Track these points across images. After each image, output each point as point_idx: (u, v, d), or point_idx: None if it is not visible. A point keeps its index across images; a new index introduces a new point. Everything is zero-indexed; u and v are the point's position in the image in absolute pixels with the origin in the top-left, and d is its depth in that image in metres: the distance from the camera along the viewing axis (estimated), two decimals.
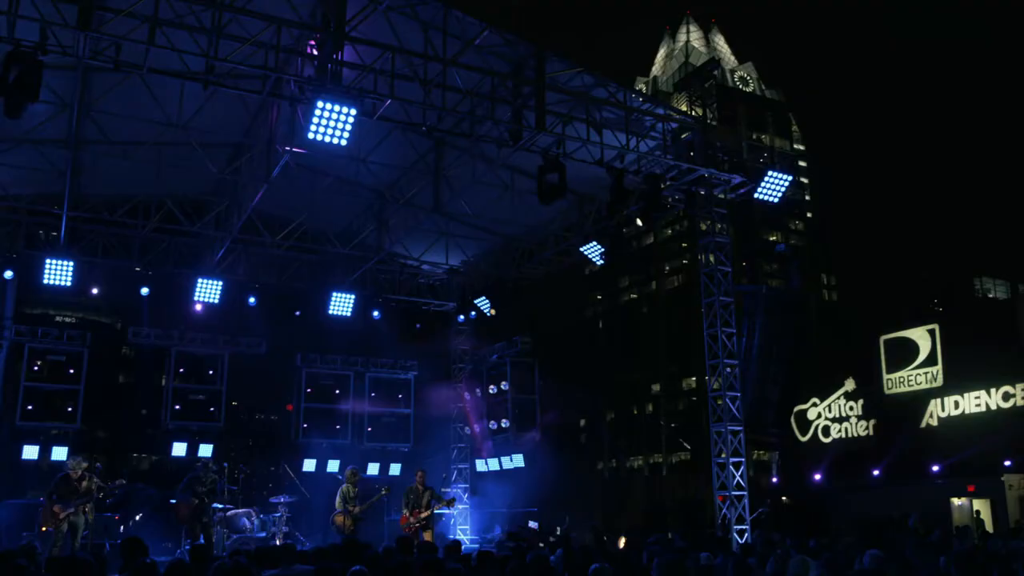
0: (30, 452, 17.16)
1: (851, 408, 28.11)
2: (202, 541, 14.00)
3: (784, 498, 28.25)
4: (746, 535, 15.08)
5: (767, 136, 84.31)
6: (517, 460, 19.98)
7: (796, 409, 29.44)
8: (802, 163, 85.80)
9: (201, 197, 18.33)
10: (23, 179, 16.26)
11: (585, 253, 17.62)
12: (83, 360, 18.01)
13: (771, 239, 78.72)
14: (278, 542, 15.30)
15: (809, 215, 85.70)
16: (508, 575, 6.87)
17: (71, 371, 17.94)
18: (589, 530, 18.91)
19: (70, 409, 17.70)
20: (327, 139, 12.29)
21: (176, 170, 16.44)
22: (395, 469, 20.24)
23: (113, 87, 13.97)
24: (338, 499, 15.66)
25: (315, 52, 12.53)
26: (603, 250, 17.11)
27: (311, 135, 12.20)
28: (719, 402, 15.85)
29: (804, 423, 29.38)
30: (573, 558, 9.08)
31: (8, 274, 17.37)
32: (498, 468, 20.58)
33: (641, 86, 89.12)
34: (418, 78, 12.96)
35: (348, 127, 12.23)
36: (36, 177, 16.12)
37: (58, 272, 17.16)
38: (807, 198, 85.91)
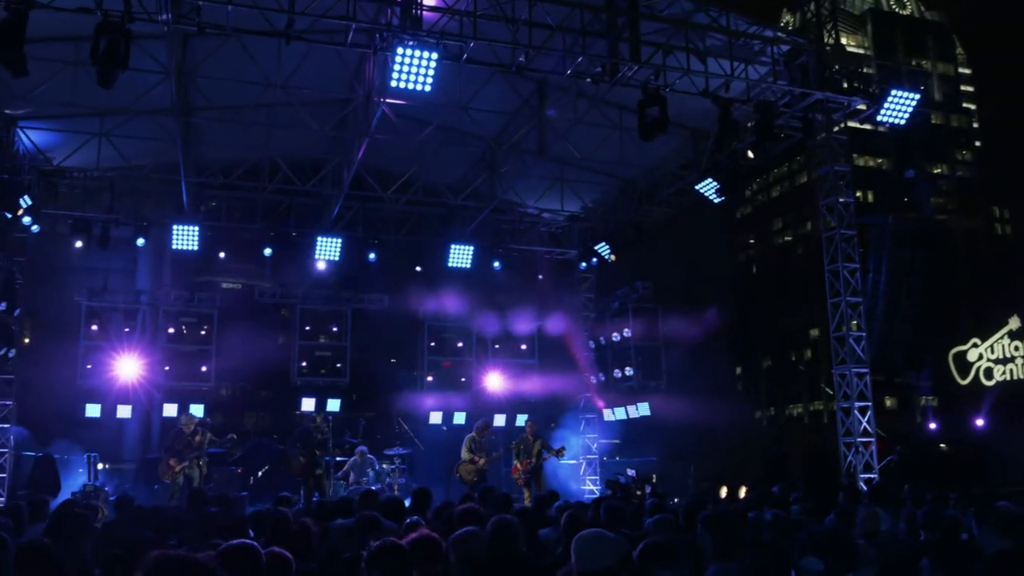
0: (169, 410, 18.01)
1: (1016, 348, 25.98)
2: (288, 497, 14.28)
3: (943, 445, 26.51)
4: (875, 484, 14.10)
5: (928, 61, 78.71)
6: (643, 409, 19.46)
7: (955, 350, 27.50)
8: (968, 88, 79.80)
9: (316, 156, 18.57)
10: (143, 149, 16.88)
11: (701, 191, 16.79)
12: (213, 321, 18.69)
13: (935, 171, 73.88)
14: (395, 493, 15.48)
15: (977, 144, 79.77)
16: (565, 522, 6.50)
17: (203, 332, 18.68)
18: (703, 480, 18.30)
19: (204, 369, 18.43)
20: (411, 86, 12.05)
21: (286, 131, 16.66)
22: (521, 420, 20.11)
23: (213, 52, 14.18)
24: (464, 449, 15.73)
25: None
26: (719, 187, 16.22)
27: (394, 83, 12.00)
28: (842, 343, 14.80)
29: (964, 365, 27.40)
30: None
31: (140, 241, 18.16)
32: (625, 417, 20.14)
33: (788, 18, 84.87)
34: (504, 17, 12.50)
35: (431, 72, 11.95)
36: (154, 146, 16.69)
37: (185, 237, 17.87)
38: (974, 126, 79.94)
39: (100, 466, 17.13)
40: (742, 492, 15.25)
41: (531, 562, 5.89)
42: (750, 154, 15.48)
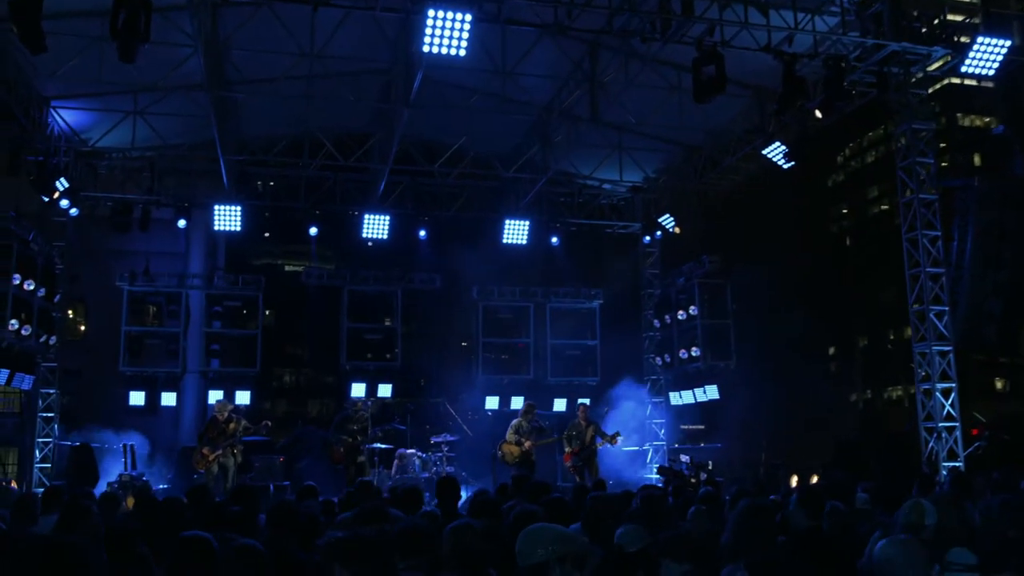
0: (215, 397, 18.26)
1: None
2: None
3: None
4: None
5: None
6: (711, 392, 19.01)
7: None
8: None
9: (359, 129, 18.60)
10: (179, 127, 17.11)
11: (768, 156, 16.31)
12: (258, 305, 18.87)
13: None
14: None
15: None
16: (585, 512, 6.34)
17: (250, 316, 18.90)
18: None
19: (251, 354, 18.61)
20: (444, 51, 11.90)
21: (327, 104, 16.67)
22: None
23: (244, 22, 14.26)
24: (510, 432, 15.78)
25: None
26: (787, 151, 15.73)
27: (426, 47, 11.87)
28: (922, 319, 14.19)
29: None
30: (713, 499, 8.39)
31: (181, 223, 18.43)
32: (692, 401, 19.75)
33: None
34: None
35: (465, 35, 11.77)
36: (191, 124, 16.89)
37: (227, 217, 18.06)
38: None
39: (144, 454, 17.52)
40: (813, 480, 14.83)
41: None
42: (818, 114, 14.88)
